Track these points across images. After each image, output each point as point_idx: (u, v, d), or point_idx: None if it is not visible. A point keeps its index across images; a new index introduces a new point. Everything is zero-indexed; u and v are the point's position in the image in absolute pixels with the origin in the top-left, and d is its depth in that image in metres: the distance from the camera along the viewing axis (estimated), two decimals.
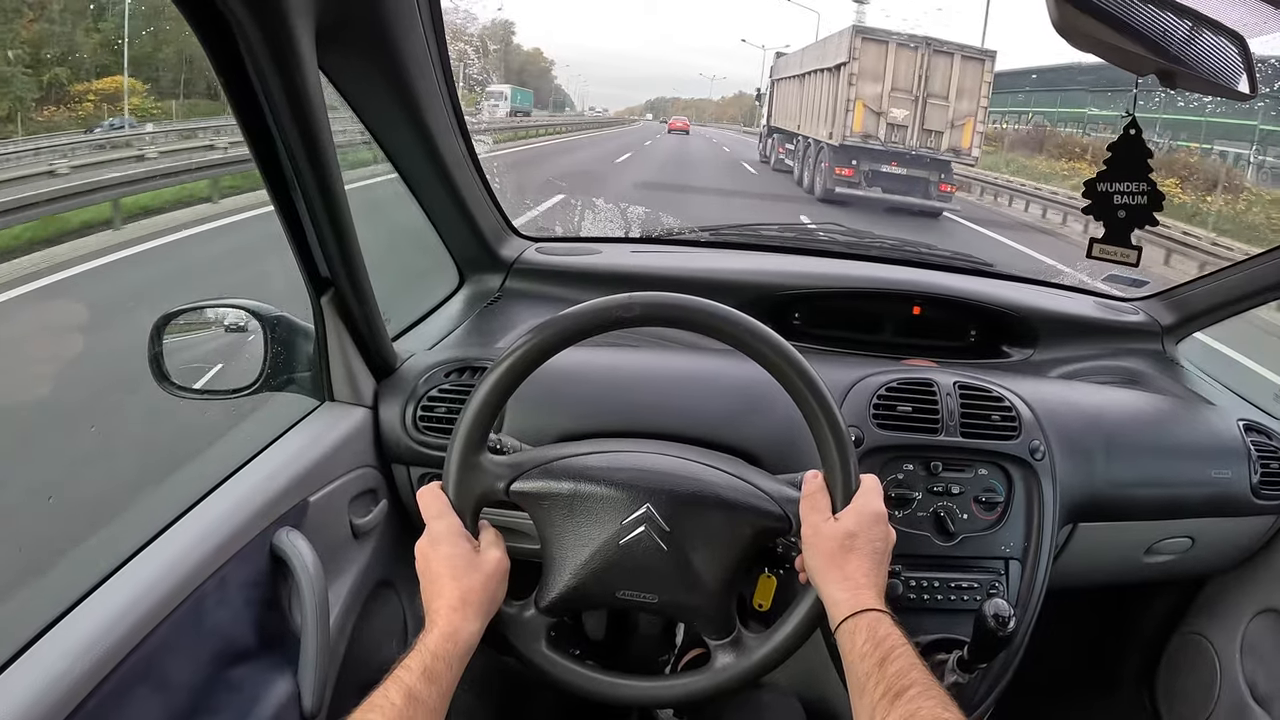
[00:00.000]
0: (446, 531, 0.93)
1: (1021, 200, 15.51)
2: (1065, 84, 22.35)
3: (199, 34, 0.82)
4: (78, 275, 3.23)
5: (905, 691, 0.78)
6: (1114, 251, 1.15)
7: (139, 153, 4.43)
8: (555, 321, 0.93)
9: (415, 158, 1.31)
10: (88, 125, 3.91)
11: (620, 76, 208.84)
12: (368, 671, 1.21)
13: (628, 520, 0.95)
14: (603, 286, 0.98)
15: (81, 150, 3.85)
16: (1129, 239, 1.14)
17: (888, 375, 1.37)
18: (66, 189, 3.62)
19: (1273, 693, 1.57)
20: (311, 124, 0.90)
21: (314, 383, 1.21)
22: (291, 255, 1.09)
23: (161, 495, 1.10)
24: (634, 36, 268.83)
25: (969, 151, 13.56)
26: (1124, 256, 1.14)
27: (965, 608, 1.26)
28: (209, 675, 0.91)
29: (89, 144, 3.93)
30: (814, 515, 0.94)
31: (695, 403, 1.30)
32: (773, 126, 19.17)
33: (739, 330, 0.92)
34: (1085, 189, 1.14)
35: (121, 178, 4.10)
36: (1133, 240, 1.14)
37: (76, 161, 3.90)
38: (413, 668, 0.82)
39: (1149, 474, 1.43)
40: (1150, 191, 1.11)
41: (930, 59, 13.24)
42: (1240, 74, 1.03)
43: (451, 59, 1.22)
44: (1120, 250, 1.14)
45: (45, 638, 0.76)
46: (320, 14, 0.87)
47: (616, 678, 1.00)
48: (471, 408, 0.94)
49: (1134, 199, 1.12)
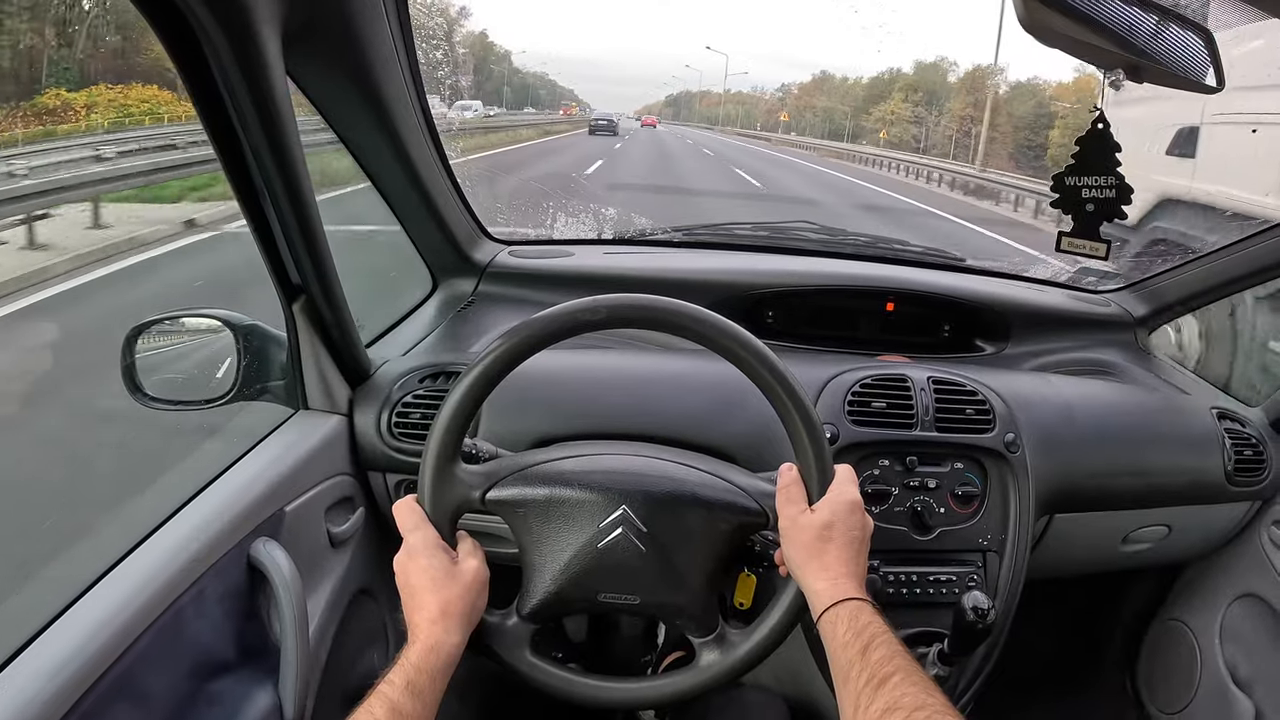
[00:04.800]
0: (423, 544, 0.92)
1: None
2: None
3: (164, 41, 0.81)
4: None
5: (889, 679, 0.78)
6: (1083, 245, 1.15)
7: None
8: (525, 327, 0.92)
9: (385, 162, 1.30)
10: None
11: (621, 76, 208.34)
12: (350, 680, 1.20)
13: (605, 523, 0.95)
14: (576, 289, 0.97)
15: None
16: (1098, 232, 1.15)
17: (862, 371, 1.37)
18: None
19: (1253, 676, 1.59)
20: (280, 130, 0.89)
21: (288, 391, 1.20)
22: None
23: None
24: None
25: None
26: (1093, 250, 1.15)
27: (944, 601, 1.27)
28: (189, 690, 0.90)
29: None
30: (790, 508, 0.94)
31: (669, 403, 1.30)
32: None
33: (706, 328, 0.92)
34: (1054, 183, 1.15)
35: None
36: (1101, 234, 1.14)
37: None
38: (395, 682, 0.82)
39: (1124, 464, 1.44)
40: (1119, 185, 1.12)
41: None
42: (1207, 67, 1.04)
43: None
44: (1089, 244, 1.15)
45: (19, 658, 0.75)
46: (286, 18, 0.86)
47: (602, 680, 1.00)
48: (443, 418, 0.93)
49: (1102, 192, 1.13)
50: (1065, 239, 1.17)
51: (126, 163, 4.67)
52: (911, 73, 54.55)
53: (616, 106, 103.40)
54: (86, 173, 4.21)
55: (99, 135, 4.53)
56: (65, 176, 4.02)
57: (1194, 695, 1.68)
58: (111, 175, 4.46)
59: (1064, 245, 1.17)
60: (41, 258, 3.79)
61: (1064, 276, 2.09)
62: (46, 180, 3.92)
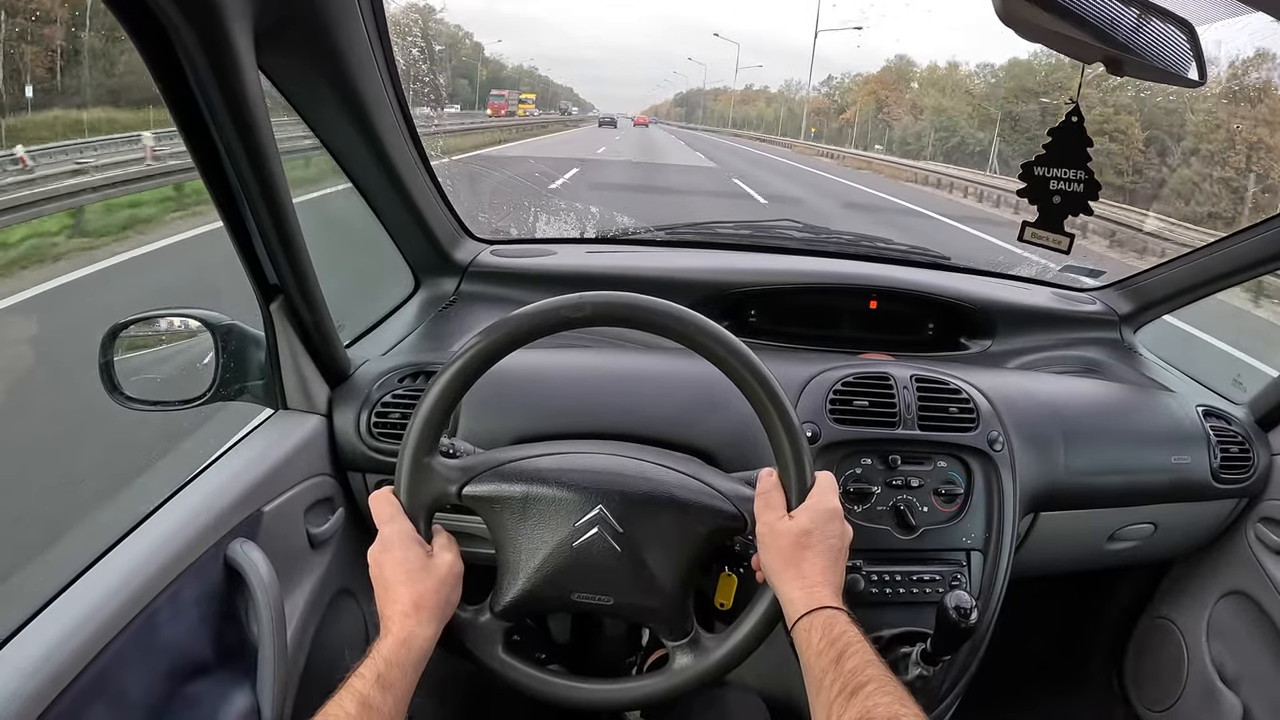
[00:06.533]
0: (398, 536, 0.92)
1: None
2: None
3: (135, 40, 0.80)
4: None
5: (862, 688, 0.77)
6: (1046, 236, 1.15)
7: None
8: (503, 324, 0.92)
9: (364, 161, 1.29)
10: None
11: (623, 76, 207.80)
12: (329, 681, 1.18)
13: (580, 522, 0.94)
14: (558, 287, 0.97)
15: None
16: (1062, 225, 1.14)
17: (844, 370, 1.37)
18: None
19: (1240, 673, 1.59)
20: (253, 128, 0.89)
21: (266, 391, 1.19)
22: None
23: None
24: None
25: None
26: (1056, 242, 1.15)
27: (928, 600, 1.27)
28: (165, 691, 0.89)
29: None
30: (769, 514, 0.93)
31: (649, 402, 1.30)
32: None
33: (688, 328, 0.92)
34: (1022, 171, 1.14)
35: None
36: (1065, 227, 1.14)
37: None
38: (366, 675, 0.81)
39: (1110, 462, 1.44)
40: (1087, 180, 1.12)
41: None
42: (1189, 61, 1.04)
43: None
44: (1052, 236, 1.15)
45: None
46: (259, 15, 0.85)
47: (575, 681, 0.99)
48: (421, 411, 0.93)
49: (1070, 185, 1.12)
50: (1029, 229, 1.17)
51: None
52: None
53: (619, 107, 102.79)
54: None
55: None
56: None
57: (1181, 692, 1.68)
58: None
59: (1027, 235, 1.17)
60: None
61: (1049, 275, 2.09)
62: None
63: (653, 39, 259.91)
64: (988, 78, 42.20)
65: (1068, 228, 1.15)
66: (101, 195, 5.09)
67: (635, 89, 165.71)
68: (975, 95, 39.96)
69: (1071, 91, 1.10)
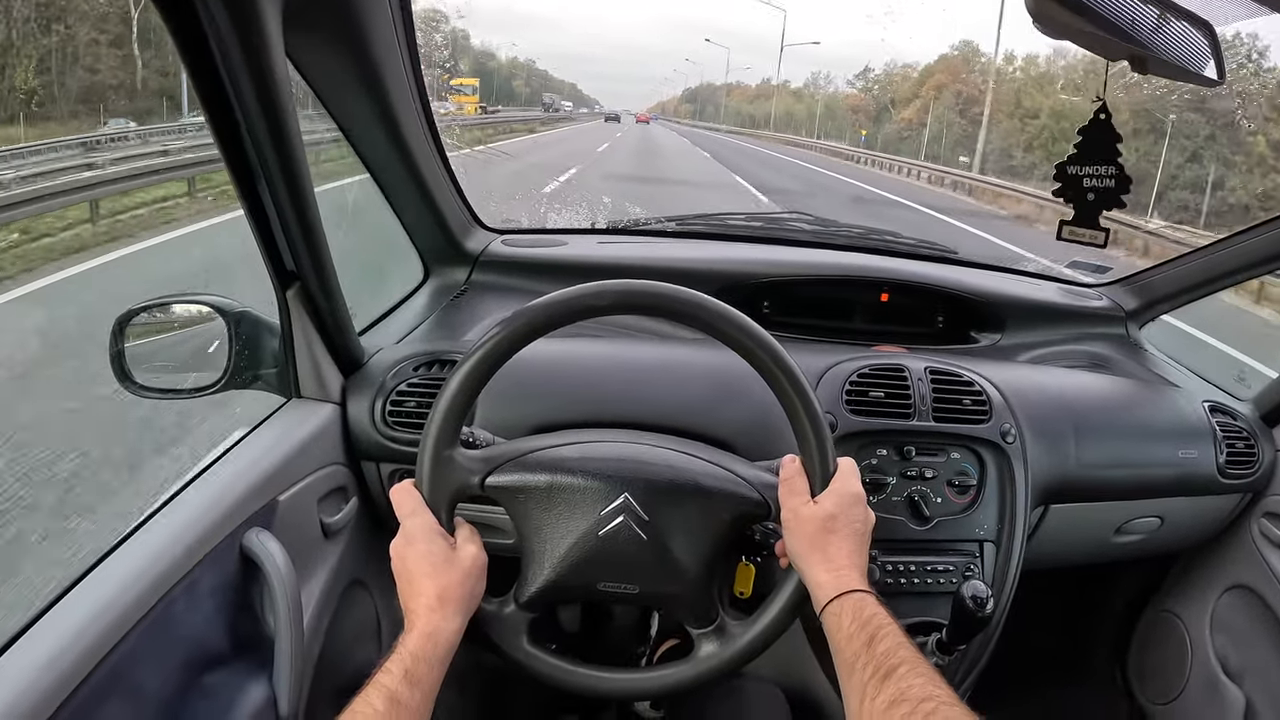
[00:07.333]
0: (421, 529, 0.91)
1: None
2: None
3: (163, 14, 0.79)
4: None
5: (895, 670, 0.77)
6: (1083, 233, 1.17)
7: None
8: (525, 312, 0.91)
9: (381, 149, 1.29)
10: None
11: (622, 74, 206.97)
12: (343, 673, 1.19)
13: (606, 511, 0.94)
14: (569, 278, 0.96)
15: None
16: (1097, 220, 1.16)
17: (860, 361, 1.37)
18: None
19: (1244, 667, 1.60)
20: (279, 113, 0.88)
21: (280, 379, 1.18)
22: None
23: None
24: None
25: None
26: (1093, 238, 1.16)
27: (942, 590, 1.27)
28: (182, 683, 0.88)
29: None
30: (793, 499, 0.94)
31: (669, 391, 1.29)
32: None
33: (714, 317, 0.92)
34: (1056, 172, 1.16)
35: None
36: (1100, 222, 1.15)
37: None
38: (393, 671, 0.80)
39: (1118, 455, 1.45)
40: (1118, 175, 1.13)
41: None
42: (1208, 60, 1.05)
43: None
44: (1089, 232, 1.16)
45: (10, 650, 0.73)
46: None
47: (599, 671, 0.99)
48: (443, 402, 0.92)
49: (1103, 181, 1.14)
50: (1066, 227, 1.19)
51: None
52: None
53: (624, 104, 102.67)
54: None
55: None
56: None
57: (1185, 685, 1.69)
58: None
59: (1065, 234, 1.18)
60: None
61: (1056, 270, 2.10)
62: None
63: (659, 37, 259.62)
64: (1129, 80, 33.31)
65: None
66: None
67: (641, 85, 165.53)
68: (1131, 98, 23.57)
69: (1116, 91, 1.10)
